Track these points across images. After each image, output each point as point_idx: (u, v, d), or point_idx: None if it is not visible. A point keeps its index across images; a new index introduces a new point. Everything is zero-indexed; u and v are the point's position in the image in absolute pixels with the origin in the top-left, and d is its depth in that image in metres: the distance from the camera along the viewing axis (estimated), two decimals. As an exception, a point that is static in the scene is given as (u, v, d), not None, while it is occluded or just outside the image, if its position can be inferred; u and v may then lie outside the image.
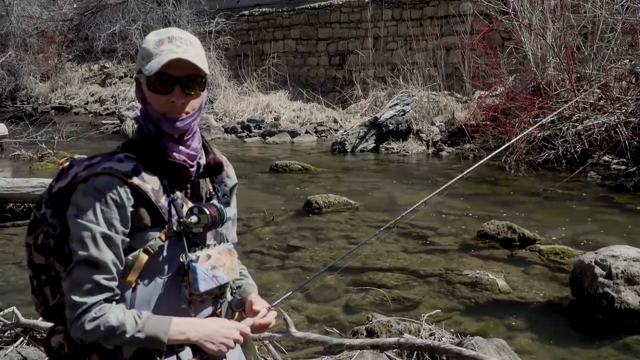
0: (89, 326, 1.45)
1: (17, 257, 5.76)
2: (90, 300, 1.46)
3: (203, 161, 1.65)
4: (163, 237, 1.53)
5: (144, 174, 1.53)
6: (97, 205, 1.47)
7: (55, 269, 1.59)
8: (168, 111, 1.53)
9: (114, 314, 1.46)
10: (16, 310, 3.72)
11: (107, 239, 1.47)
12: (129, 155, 1.55)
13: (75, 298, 1.46)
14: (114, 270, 1.49)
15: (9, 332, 3.73)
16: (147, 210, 1.53)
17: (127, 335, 1.46)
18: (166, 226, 1.54)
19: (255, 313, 1.68)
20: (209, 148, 1.68)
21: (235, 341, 1.58)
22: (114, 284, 1.50)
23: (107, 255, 1.48)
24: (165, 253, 1.55)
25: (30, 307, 1.72)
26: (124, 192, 1.49)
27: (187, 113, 1.55)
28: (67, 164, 1.60)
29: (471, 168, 2.14)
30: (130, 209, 1.50)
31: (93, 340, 1.48)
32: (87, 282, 1.46)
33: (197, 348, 1.59)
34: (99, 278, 1.47)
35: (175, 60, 1.49)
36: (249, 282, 1.83)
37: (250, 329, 1.65)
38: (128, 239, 1.51)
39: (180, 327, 1.51)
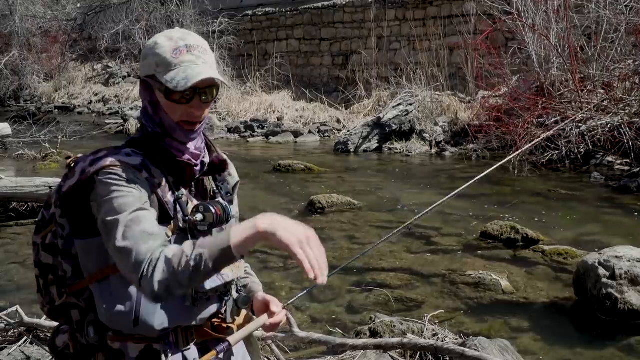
0: (156, 274, 1.35)
1: (20, 257, 5.76)
2: (145, 250, 1.38)
3: (207, 159, 1.65)
4: (170, 233, 1.52)
5: (151, 169, 1.53)
6: (118, 181, 1.45)
7: (62, 269, 1.58)
8: (185, 119, 1.53)
9: (169, 249, 1.39)
10: (20, 310, 3.72)
11: (138, 199, 1.44)
12: (136, 151, 1.55)
13: (132, 258, 1.37)
14: (154, 217, 1.45)
15: (12, 331, 3.73)
16: (156, 204, 1.52)
17: (192, 262, 1.34)
18: (172, 222, 1.53)
19: (271, 313, 1.64)
20: (212, 147, 1.69)
21: (306, 238, 1.40)
22: (161, 230, 1.44)
23: (143, 210, 1.43)
24: None
25: (34, 306, 1.72)
26: (140, 177, 1.49)
27: (201, 122, 1.57)
28: (73, 164, 1.58)
29: (489, 170, 2.13)
30: (146, 192, 1.49)
31: (166, 285, 1.36)
32: (135, 238, 1.39)
33: (206, 348, 1.58)
34: (145, 228, 1.40)
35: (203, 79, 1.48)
36: (254, 280, 1.83)
37: (263, 328, 1.64)
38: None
39: (240, 227, 1.40)
